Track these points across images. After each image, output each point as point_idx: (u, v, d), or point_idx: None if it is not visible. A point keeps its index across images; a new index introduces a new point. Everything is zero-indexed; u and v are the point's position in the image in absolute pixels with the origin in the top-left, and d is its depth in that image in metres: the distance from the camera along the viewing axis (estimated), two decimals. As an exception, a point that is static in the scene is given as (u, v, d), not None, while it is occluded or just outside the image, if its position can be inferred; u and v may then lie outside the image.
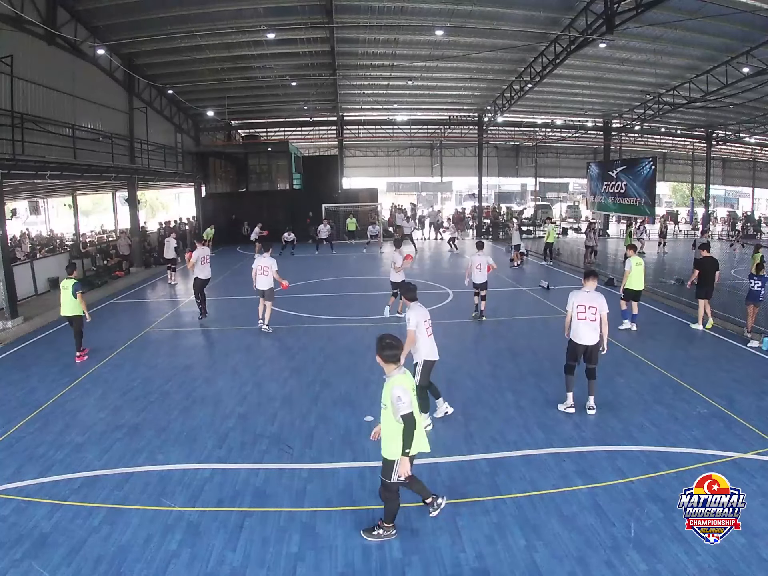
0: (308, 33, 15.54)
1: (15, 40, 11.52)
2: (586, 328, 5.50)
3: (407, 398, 3.32)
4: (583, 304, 5.53)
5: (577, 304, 5.55)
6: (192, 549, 3.59)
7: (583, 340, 5.51)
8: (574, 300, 5.62)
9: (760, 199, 39.64)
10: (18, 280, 10.69)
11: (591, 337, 5.50)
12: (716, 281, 8.78)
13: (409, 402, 3.32)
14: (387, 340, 3.44)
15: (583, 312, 5.50)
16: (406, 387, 3.39)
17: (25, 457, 4.82)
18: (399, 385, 3.35)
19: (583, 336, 5.51)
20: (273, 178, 24.45)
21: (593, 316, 5.49)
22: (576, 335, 5.54)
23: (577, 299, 5.59)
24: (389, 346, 3.43)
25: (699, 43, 15.73)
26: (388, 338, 3.46)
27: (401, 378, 3.43)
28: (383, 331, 6.78)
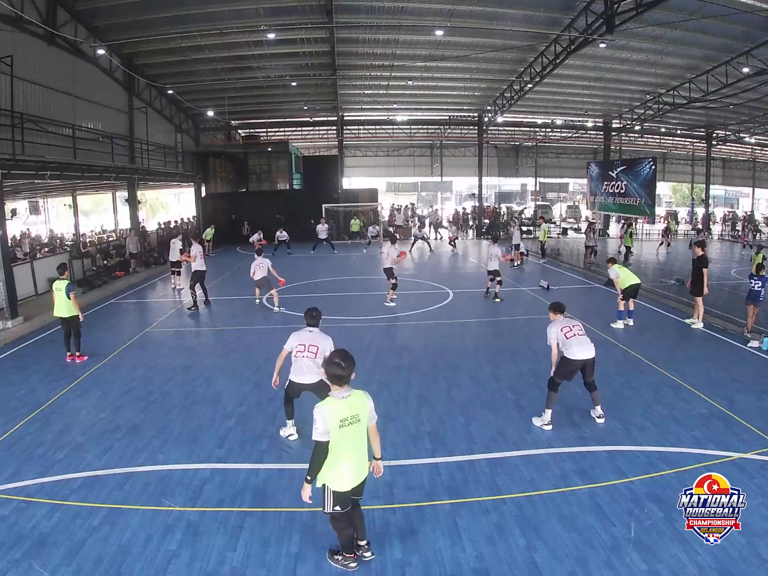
0: (308, 33, 15.55)
1: (15, 40, 11.54)
2: (580, 344, 5.21)
3: (322, 426, 3.01)
4: (566, 325, 5.28)
5: (560, 327, 5.27)
6: (192, 549, 3.59)
7: (580, 354, 5.18)
8: (554, 329, 5.30)
9: (760, 199, 39.64)
10: (18, 280, 10.69)
11: (587, 350, 5.21)
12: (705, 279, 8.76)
13: (323, 430, 3.01)
14: (335, 359, 3.09)
15: (570, 330, 5.24)
16: (326, 413, 3.03)
17: (25, 457, 4.82)
18: (319, 408, 3.06)
19: (578, 351, 5.18)
20: (273, 178, 24.46)
21: (581, 331, 5.27)
22: (571, 352, 5.19)
23: (558, 326, 5.30)
24: (334, 365, 3.08)
25: (699, 43, 15.73)
26: (337, 357, 3.10)
27: (327, 401, 3.11)
28: (384, 331, 6.80)
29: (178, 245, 13.58)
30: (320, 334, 4.96)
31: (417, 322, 9.60)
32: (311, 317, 5.01)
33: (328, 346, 4.83)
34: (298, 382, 4.89)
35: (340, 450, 3.10)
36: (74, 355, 7.59)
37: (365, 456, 3.27)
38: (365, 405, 3.19)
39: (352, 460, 3.16)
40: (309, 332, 4.94)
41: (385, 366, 7.19)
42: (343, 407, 3.09)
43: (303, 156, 26.42)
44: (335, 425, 3.04)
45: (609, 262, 9.41)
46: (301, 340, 4.89)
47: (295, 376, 4.89)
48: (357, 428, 3.15)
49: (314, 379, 4.83)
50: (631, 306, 9.18)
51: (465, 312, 10.32)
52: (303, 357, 4.85)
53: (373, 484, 4.33)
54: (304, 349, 4.86)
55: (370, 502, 4.09)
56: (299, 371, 4.86)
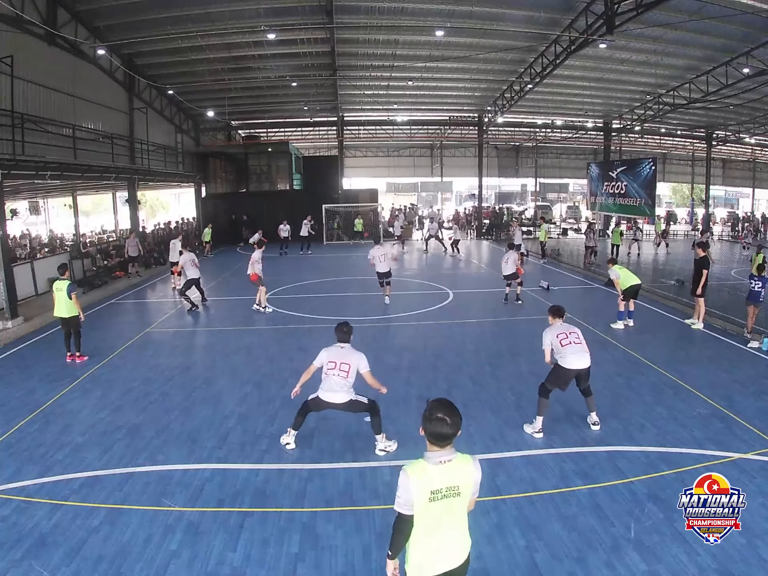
0: (308, 33, 15.55)
1: (15, 40, 11.54)
2: (575, 353, 5.06)
3: (405, 496, 2.32)
4: (562, 332, 5.15)
5: (556, 333, 5.14)
6: (192, 549, 3.59)
7: (574, 364, 5.04)
8: (550, 334, 5.18)
9: (760, 200, 39.64)
10: (18, 280, 10.69)
11: (582, 360, 5.07)
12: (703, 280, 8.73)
13: (405, 501, 2.32)
14: (437, 414, 2.28)
15: (566, 338, 5.10)
16: (413, 482, 2.30)
17: (25, 457, 4.82)
18: (405, 472, 2.35)
19: (572, 361, 5.04)
20: (273, 178, 24.46)
21: (578, 339, 5.13)
22: (565, 361, 5.06)
23: (554, 332, 5.18)
24: (437, 422, 2.28)
25: (699, 44, 15.73)
26: (440, 411, 2.29)
27: (417, 465, 2.36)
28: (385, 332, 6.83)
29: (177, 246, 13.42)
30: (352, 351, 4.79)
31: (417, 322, 9.60)
32: (342, 332, 4.81)
33: (361, 362, 4.69)
34: (327, 400, 4.70)
35: (428, 529, 2.37)
36: (74, 356, 7.59)
37: (462, 539, 2.48)
38: (470, 475, 2.39)
39: (442, 543, 2.41)
40: (340, 348, 4.76)
41: (385, 366, 7.18)
42: (439, 476, 2.32)
43: (303, 156, 26.43)
44: (423, 498, 2.30)
45: (609, 262, 9.45)
46: (332, 356, 4.71)
47: (325, 393, 4.69)
48: (453, 504, 2.36)
49: (344, 399, 4.68)
50: (631, 306, 9.20)
51: (465, 312, 10.32)
52: (334, 375, 4.64)
53: (373, 484, 4.34)
54: (335, 367, 4.66)
55: (370, 502, 4.10)
56: (329, 389, 4.67)
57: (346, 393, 4.69)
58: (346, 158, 28.01)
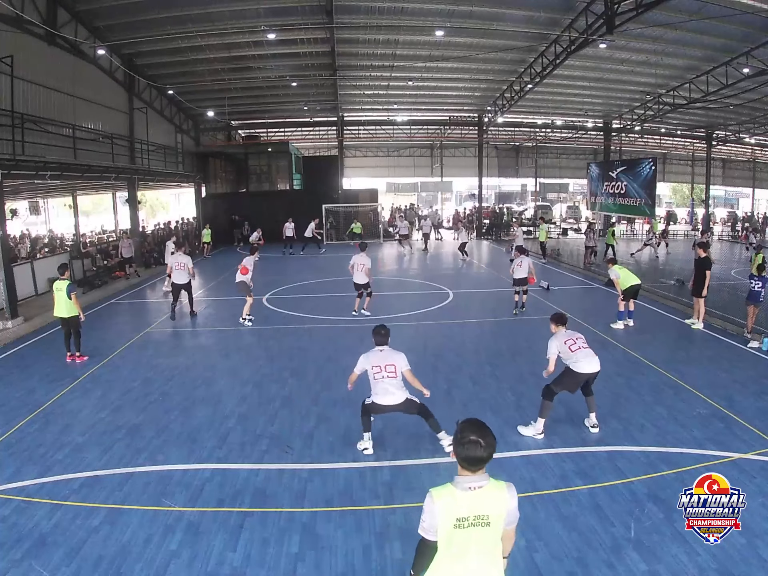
0: (308, 33, 15.55)
1: (15, 40, 11.53)
2: (587, 356, 5.06)
3: (429, 521, 2.16)
4: (569, 338, 5.13)
5: (564, 340, 5.12)
6: (192, 549, 3.59)
7: (587, 368, 5.03)
8: (556, 342, 5.13)
9: (760, 200, 39.63)
10: (18, 280, 10.69)
11: (594, 363, 5.07)
12: (707, 281, 8.72)
13: (429, 526, 2.16)
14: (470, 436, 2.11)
15: (574, 344, 5.09)
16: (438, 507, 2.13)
17: (25, 457, 4.82)
18: (431, 496, 2.18)
19: (586, 365, 5.02)
20: (273, 178, 24.46)
21: (585, 345, 5.13)
22: (578, 365, 5.03)
23: (560, 339, 5.14)
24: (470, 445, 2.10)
25: (699, 44, 15.73)
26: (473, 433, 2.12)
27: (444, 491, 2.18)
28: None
29: (170, 248, 13.17)
30: (392, 352, 4.75)
31: (417, 322, 9.60)
32: (380, 335, 4.77)
33: (403, 362, 4.67)
34: (384, 404, 4.64)
35: (453, 556, 2.15)
36: (74, 356, 7.59)
37: (491, 570, 2.20)
38: (503, 503, 2.18)
39: (467, 572, 2.16)
40: (380, 351, 4.74)
41: (385, 366, 7.18)
42: (467, 503, 2.12)
43: (303, 156, 26.42)
44: (448, 524, 2.11)
45: (609, 262, 9.44)
46: (375, 361, 4.66)
47: (381, 398, 4.64)
48: (483, 534, 2.14)
49: (401, 399, 4.63)
50: (631, 306, 9.21)
51: (465, 312, 10.32)
52: (384, 379, 4.60)
53: (373, 484, 4.35)
54: (382, 370, 4.60)
55: (370, 502, 4.10)
56: (384, 393, 4.61)
57: (401, 392, 4.65)
58: (346, 158, 28.00)
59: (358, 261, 9.67)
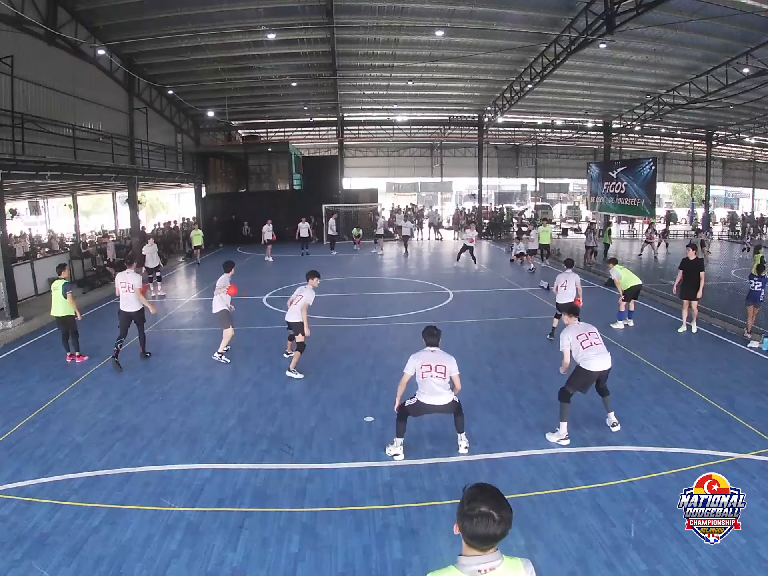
0: (308, 33, 15.55)
1: (15, 40, 11.54)
2: (598, 354, 5.01)
3: None
4: (582, 333, 5.06)
5: (576, 335, 5.05)
6: (192, 549, 3.59)
7: (598, 366, 5.00)
8: (569, 336, 5.06)
9: (760, 200, 39.65)
10: (18, 280, 10.69)
11: (606, 361, 5.04)
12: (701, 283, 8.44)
13: None
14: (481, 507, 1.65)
15: (586, 339, 5.02)
16: None
17: (25, 457, 4.82)
18: None
19: (597, 363, 4.99)
20: (273, 178, 24.45)
21: (598, 339, 5.07)
22: (589, 364, 4.98)
23: (573, 333, 5.08)
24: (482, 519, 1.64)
25: (699, 44, 15.72)
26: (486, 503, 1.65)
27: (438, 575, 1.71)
28: (385, 332, 6.73)
29: (147, 251, 12.36)
30: (443, 355, 4.64)
31: (417, 322, 9.58)
32: (431, 335, 4.68)
33: (454, 366, 4.59)
34: (430, 403, 4.56)
35: None
36: (74, 355, 7.59)
37: None
38: None
39: None
40: (431, 352, 4.64)
41: (385, 366, 7.19)
42: None
43: (303, 156, 26.43)
44: None
45: (610, 262, 9.42)
46: (425, 360, 4.59)
47: (427, 397, 4.57)
48: None
49: (448, 400, 4.59)
50: (631, 306, 9.22)
51: (465, 312, 10.31)
52: (432, 378, 4.51)
53: (373, 484, 4.35)
54: (431, 369, 4.52)
55: (370, 502, 4.10)
56: (431, 392, 4.55)
57: (449, 393, 4.61)
58: (346, 158, 28.00)
59: (298, 291, 7.32)
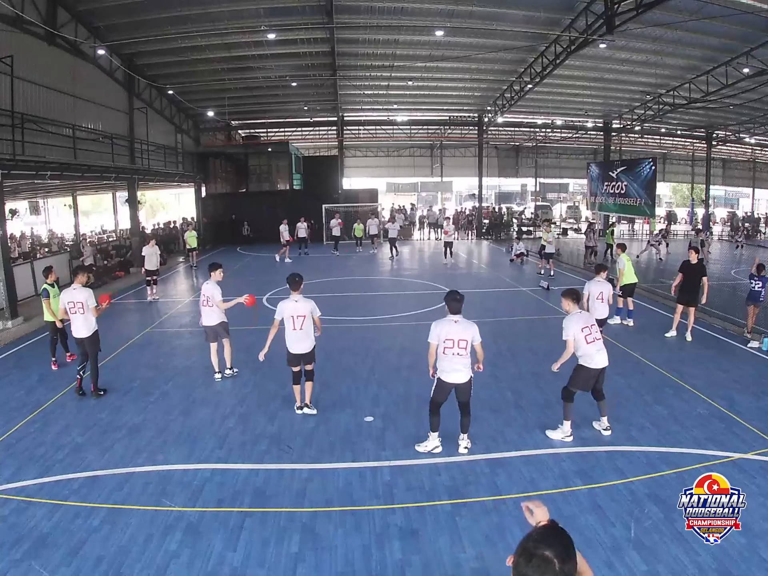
0: (308, 33, 15.55)
1: (15, 40, 11.55)
2: (599, 350, 4.91)
3: None
4: (586, 326, 4.88)
5: (581, 327, 4.83)
6: (192, 549, 3.59)
7: (600, 362, 4.91)
8: (574, 325, 4.83)
9: (760, 200, 39.64)
10: (18, 281, 10.70)
11: (605, 356, 4.94)
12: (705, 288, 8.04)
13: None
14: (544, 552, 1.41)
15: (590, 333, 4.85)
16: None
17: (25, 457, 4.82)
18: None
19: (599, 359, 4.90)
20: (273, 178, 24.45)
21: (598, 333, 4.95)
22: (590, 360, 4.87)
23: (578, 324, 4.84)
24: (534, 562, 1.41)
25: (699, 44, 15.72)
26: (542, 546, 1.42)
27: None
28: (385, 332, 6.64)
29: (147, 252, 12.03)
30: (467, 325, 4.37)
31: (417, 322, 9.59)
32: (455, 300, 4.38)
33: (477, 336, 4.37)
34: (450, 381, 4.44)
35: None
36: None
37: None
38: None
39: None
40: (455, 323, 4.40)
41: (385, 366, 7.20)
42: None
43: (303, 156, 26.43)
44: None
45: (619, 248, 9.40)
46: (449, 333, 4.36)
47: (448, 375, 4.46)
48: None
49: (466, 378, 4.48)
50: (630, 306, 9.26)
51: (465, 312, 10.23)
52: (454, 354, 4.33)
53: (373, 484, 4.35)
54: (454, 345, 4.29)
55: (370, 502, 4.10)
56: (451, 368, 4.43)
57: (468, 371, 4.47)
58: (346, 158, 28.00)
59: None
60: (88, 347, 6.17)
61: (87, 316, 6.15)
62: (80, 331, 6.14)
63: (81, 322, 6.13)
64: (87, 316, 6.15)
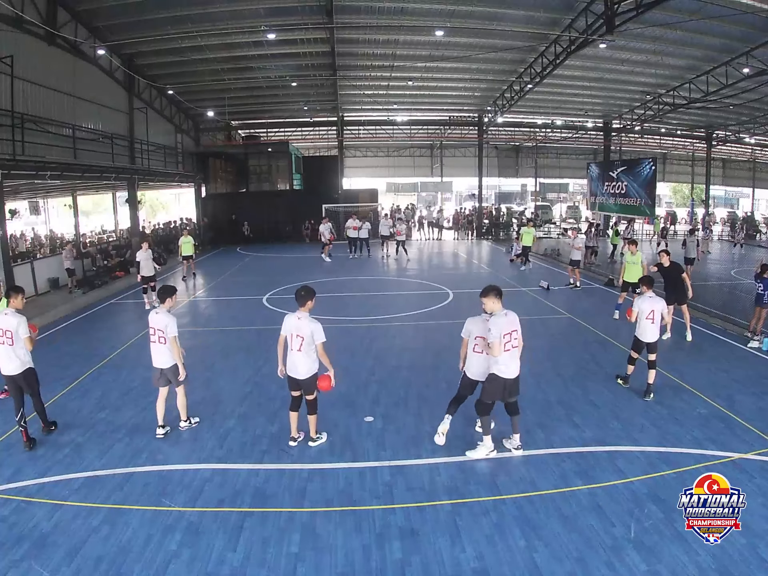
0: (308, 33, 15.57)
1: (15, 40, 11.55)
2: (513, 359, 4.52)
3: None
4: (509, 332, 4.42)
5: (504, 333, 4.37)
6: (192, 549, 3.59)
7: (512, 373, 4.51)
8: (496, 329, 4.32)
9: (760, 200, 39.65)
10: (18, 280, 10.68)
11: (517, 366, 4.57)
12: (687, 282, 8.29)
13: None
14: None
15: (509, 341, 4.43)
16: None
17: (25, 457, 4.82)
18: None
19: (514, 369, 4.53)
20: (273, 178, 24.47)
21: (517, 343, 4.53)
22: (502, 369, 4.46)
23: (500, 327, 4.34)
24: None
25: (699, 44, 15.74)
26: None
27: None
28: (385, 332, 6.71)
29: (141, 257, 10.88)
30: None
31: (417, 322, 9.60)
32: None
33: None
34: (476, 379, 4.54)
35: None
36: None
37: None
38: None
39: None
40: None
41: (385, 366, 7.20)
42: None
43: (303, 156, 26.43)
44: None
45: (633, 244, 9.44)
46: (480, 330, 4.38)
47: (473, 372, 4.59)
48: None
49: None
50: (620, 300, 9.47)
51: (465, 312, 10.21)
52: (479, 353, 4.38)
53: (373, 484, 4.35)
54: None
55: (370, 502, 4.10)
56: (479, 365, 4.54)
57: (486, 369, 4.49)
58: (346, 158, 28.00)
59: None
60: (24, 386, 4.93)
61: (17, 349, 4.86)
62: (8, 367, 4.86)
63: (10, 356, 4.85)
64: (17, 349, 4.86)
